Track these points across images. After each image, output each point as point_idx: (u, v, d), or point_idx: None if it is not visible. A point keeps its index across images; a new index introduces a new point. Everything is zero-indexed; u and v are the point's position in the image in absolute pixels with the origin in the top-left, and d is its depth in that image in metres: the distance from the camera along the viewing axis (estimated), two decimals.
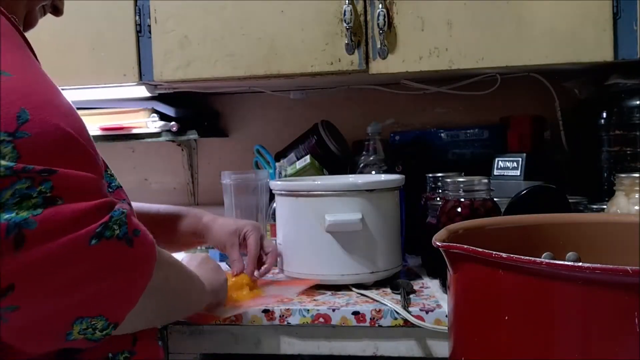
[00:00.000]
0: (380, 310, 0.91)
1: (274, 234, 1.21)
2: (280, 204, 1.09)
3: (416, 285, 1.04)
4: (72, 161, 0.57)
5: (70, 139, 0.58)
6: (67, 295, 0.56)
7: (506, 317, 0.52)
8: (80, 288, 0.56)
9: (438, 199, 1.09)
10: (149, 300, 0.63)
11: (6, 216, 0.52)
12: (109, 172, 0.72)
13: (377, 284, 1.04)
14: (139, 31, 1.24)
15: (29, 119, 0.55)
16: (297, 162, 1.38)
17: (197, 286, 0.81)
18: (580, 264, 0.47)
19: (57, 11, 0.81)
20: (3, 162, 0.52)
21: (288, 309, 0.93)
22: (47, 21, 1.30)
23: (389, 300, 0.93)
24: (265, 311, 0.93)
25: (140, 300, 0.61)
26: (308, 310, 0.92)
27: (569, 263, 0.47)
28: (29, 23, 0.76)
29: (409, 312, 0.89)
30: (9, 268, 0.52)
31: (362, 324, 0.91)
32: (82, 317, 0.57)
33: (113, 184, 0.72)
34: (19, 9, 0.72)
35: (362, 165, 1.30)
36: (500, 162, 1.28)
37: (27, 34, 0.69)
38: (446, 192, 0.98)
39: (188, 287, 0.78)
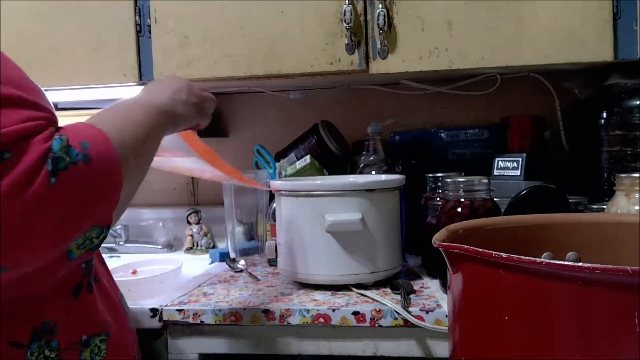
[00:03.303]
0: (380, 310, 0.91)
1: (274, 234, 1.21)
2: (280, 204, 1.09)
3: (416, 285, 1.04)
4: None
5: None
6: (53, 237, 0.58)
7: (506, 317, 0.52)
8: (64, 223, 0.58)
9: (438, 199, 1.09)
10: (130, 181, 0.66)
11: None
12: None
13: (377, 284, 1.04)
14: (139, 31, 1.24)
15: None
16: (297, 162, 1.38)
17: (149, 121, 0.76)
18: (580, 264, 0.47)
19: None
20: None
21: (288, 309, 0.93)
22: (47, 21, 1.30)
23: (389, 300, 0.93)
24: (265, 311, 0.93)
25: (123, 188, 0.64)
26: (308, 310, 0.92)
27: (569, 263, 0.47)
28: None
29: (409, 312, 0.89)
30: None
31: (362, 324, 0.91)
32: (75, 237, 0.60)
33: None
34: None
35: (362, 165, 1.30)
36: (500, 162, 1.28)
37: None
38: (446, 192, 0.98)
39: (147, 134, 0.74)
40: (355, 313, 0.91)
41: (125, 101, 0.77)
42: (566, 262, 0.47)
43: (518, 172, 1.23)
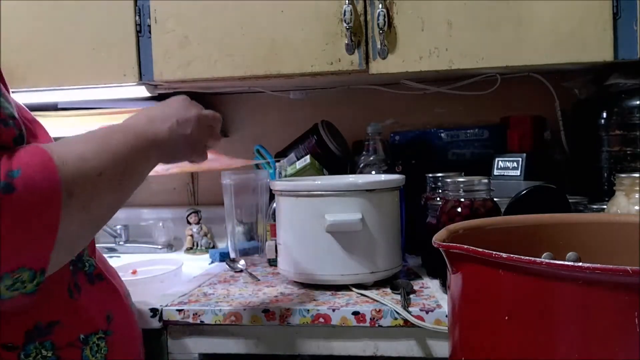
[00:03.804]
0: (380, 310, 0.91)
1: (274, 234, 1.21)
2: (280, 204, 1.09)
3: (416, 285, 1.04)
4: None
5: None
6: None
7: (506, 317, 0.52)
8: None
9: (438, 199, 1.09)
10: (80, 219, 0.59)
11: None
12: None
13: (377, 284, 1.04)
14: (139, 31, 1.24)
15: None
16: (297, 162, 1.38)
17: (138, 159, 0.69)
18: (580, 264, 0.47)
19: None
20: None
21: (288, 308, 0.93)
22: (47, 21, 1.30)
23: (389, 300, 0.93)
24: (265, 311, 0.93)
25: (66, 226, 0.57)
26: (308, 310, 0.92)
27: (569, 263, 0.47)
28: None
29: (409, 312, 0.89)
30: None
31: (362, 324, 0.91)
32: None
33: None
34: None
35: (362, 165, 1.30)
36: (500, 162, 1.28)
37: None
38: (446, 192, 0.98)
39: (129, 174, 0.67)
40: (355, 313, 0.91)
41: (113, 126, 0.70)
42: (566, 262, 0.47)
43: (518, 172, 1.23)
